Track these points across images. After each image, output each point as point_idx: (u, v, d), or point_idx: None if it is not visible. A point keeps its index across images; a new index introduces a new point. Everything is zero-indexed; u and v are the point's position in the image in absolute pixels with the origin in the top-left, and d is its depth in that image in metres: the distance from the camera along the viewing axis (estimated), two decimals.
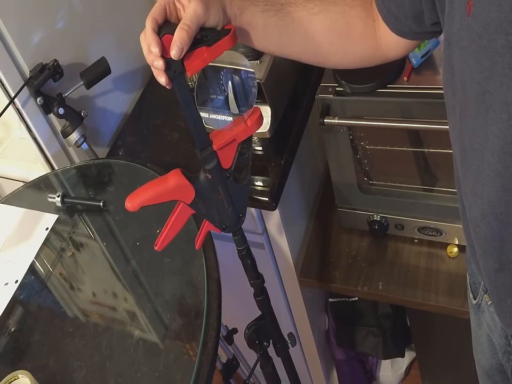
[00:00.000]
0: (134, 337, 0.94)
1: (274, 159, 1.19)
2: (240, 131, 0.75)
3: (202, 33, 0.67)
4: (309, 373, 1.75)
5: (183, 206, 0.79)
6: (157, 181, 0.77)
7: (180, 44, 0.64)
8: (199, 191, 0.77)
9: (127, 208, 0.75)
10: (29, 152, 1.32)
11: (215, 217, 0.82)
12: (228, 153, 0.76)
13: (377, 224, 1.28)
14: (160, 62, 0.65)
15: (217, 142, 0.75)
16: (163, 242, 0.80)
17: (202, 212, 0.81)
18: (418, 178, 1.21)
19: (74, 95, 1.24)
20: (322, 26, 0.77)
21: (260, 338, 1.01)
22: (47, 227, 1.15)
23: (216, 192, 0.79)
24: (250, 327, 1.00)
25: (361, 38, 0.78)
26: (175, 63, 0.66)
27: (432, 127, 1.02)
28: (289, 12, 0.75)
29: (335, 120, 1.08)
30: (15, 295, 1.05)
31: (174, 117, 1.40)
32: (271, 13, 0.74)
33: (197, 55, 0.67)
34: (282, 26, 0.75)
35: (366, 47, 0.79)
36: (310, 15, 0.76)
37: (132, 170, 1.21)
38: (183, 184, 0.76)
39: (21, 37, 1.14)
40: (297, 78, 1.28)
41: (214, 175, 0.77)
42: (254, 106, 0.76)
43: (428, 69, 1.04)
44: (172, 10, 0.68)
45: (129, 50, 1.43)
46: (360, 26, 0.77)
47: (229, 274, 1.16)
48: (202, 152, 0.75)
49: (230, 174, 0.78)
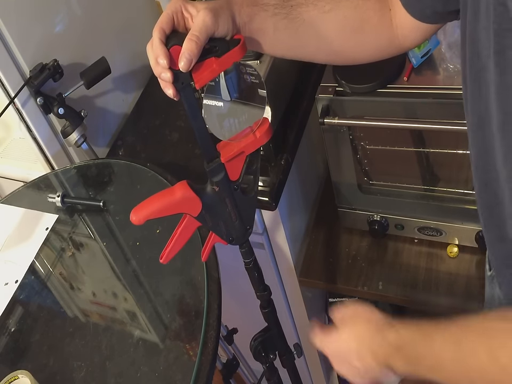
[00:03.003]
0: (134, 337, 0.94)
1: (274, 159, 1.19)
2: (248, 143, 0.73)
3: (211, 44, 0.65)
4: (309, 373, 1.75)
5: (189, 219, 0.77)
6: (163, 193, 0.75)
7: (188, 56, 0.62)
8: (206, 203, 0.75)
9: (132, 222, 0.73)
10: (29, 152, 1.32)
11: (222, 230, 0.81)
12: (235, 165, 0.74)
13: (377, 224, 1.28)
14: (168, 74, 0.63)
15: (225, 154, 0.72)
16: (168, 255, 0.79)
17: (209, 225, 0.79)
18: (418, 178, 1.21)
19: (74, 95, 1.24)
20: (335, 24, 0.75)
21: (266, 350, 1.00)
22: (47, 227, 1.14)
23: (223, 205, 0.77)
24: (256, 338, 0.98)
25: (376, 30, 0.76)
26: (183, 75, 0.64)
27: (432, 127, 1.02)
28: (299, 13, 0.74)
29: (335, 120, 1.08)
30: (15, 295, 1.05)
31: (174, 117, 1.40)
32: (281, 16, 0.73)
33: (206, 67, 0.65)
34: (293, 29, 0.74)
35: (381, 39, 0.77)
36: (321, 13, 0.74)
37: (132, 170, 1.21)
38: (189, 197, 0.74)
39: (21, 37, 1.14)
40: (297, 78, 1.28)
41: (221, 188, 0.75)
42: (263, 117, 0.73)
43: (428, 69, 1.04)
44: (179, 19, 0.66)
45: (129, 50, 1.43)
46: (374, 19, 0.76)
47: (229, 274, 1.16)
48: (210, 164, 0.73)
49: (237, 186, 0.76)
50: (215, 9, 0.66)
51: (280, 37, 0.74)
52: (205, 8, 0.65)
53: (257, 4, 0.72)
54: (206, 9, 0.65)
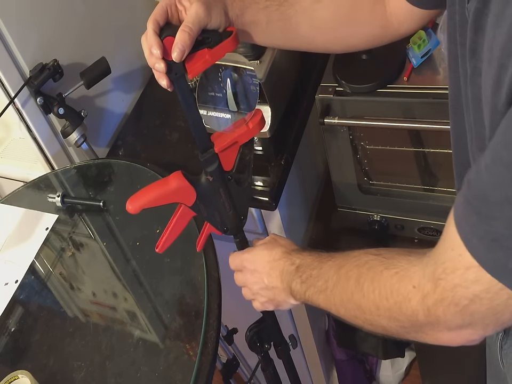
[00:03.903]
0: (134, 337, 0.94)
1: (274, 159, 1.19)
2: (241, 133, 0.74)
3: (204, 36, 0.66)
4: (309, 373, 1.74)
5: (184, 209, 0.78)
6: (158, 183, 0.77)
7: (181, 46, 0.64)
8: (200, 193, 0.77)
9: (128, 211, 0.74)
10: (29, 152, 1.32)
11: (217, 220, 0.82)
12: (229, 156, 0.76)
13: (377, 224, 1.28)
14: (161, 64, 0.65)
15: (219, 145, 0.74)
16: (164, 245, 0.80)
17: (203, 214, 0.80)
18: (418, 178, 1.21)
19: (74, 95, 1.24)
20: (328, 13, 0.75)
21: (261, 340, 1.00)
22: (47, 227, 1.14)
23: (218, 195, 0.79)
24: (252, 329, 0.99)
25: (370, 17, 0.76)
26: (176, 65, 0.65)
27: (432, 127, 1.02)
28: (291, 3, 0.74)
29: (335, 120, 1.08)
30: (15, 295, 1.05)
31: (174, 117, 1.40)
32: (273, 8, 0.73)
33: (198, 57, 0.66)
34: (285, 20, 0.74)
35: (376, 26, 0.77)
36: (313, 3, 0.74)
37: (132, 170, 1.21)
38: (184, 187, 0.75)
39: (21, 37, 1.14)
40: (297, 78, 1.28)
41: (215, 178, 0.76)
42: (256, 108, 0.75)
43: (428, 69, 1.04)
44: (173, 12, 0.67)
45: (129, 50, 1.43)
46: (367, 6, 0.76)
47: (229, 274, 1.16)
48: (204, 155, 0.74)
49: (231, 176, 0.78)
50: (208, 2, 0.67)
51: (273, 29, 0.75)
52: (198, 1, 0.67)
53: None
54: (199, 2, 0.66)
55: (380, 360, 1.76)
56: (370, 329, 0.66)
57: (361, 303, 0.64)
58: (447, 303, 0.53)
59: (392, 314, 0.60)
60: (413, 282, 0.57)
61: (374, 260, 0.65)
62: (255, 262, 0.82)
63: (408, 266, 0.59)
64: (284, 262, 0.78)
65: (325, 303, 0.71)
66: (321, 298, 0.71)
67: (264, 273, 0.81)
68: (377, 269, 0.63)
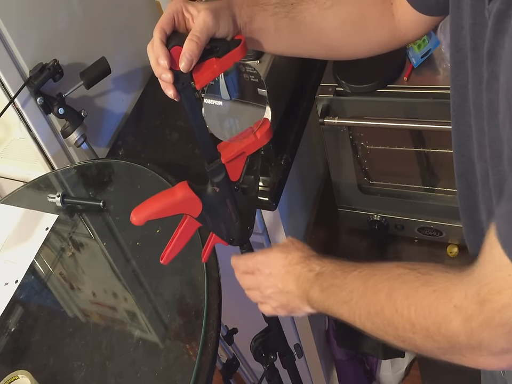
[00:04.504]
0: (134, 337, 0.93)
1: (274, 159, 1.19)
2: (249, 144, 0.73)
3: (212, 44, 0.65)
4: (309, 373, 1.74)
5: (189, 219, 0.76)
6: (163, 193, 0.75)
7: (189, 56, 0.62)
8: (206, 204, 0.75)
9: (132, 222, 0.73)
10: (29, 152, 1.32)
11: (223, 230, 0.80)
12: (236, 166, 0.74)
13: (377, 224, 1.28)
14: (168, 75, 0.63)
15: (226, 155, 0.72)
16: (169, 256, 0.79)
17: (209, 225, 0.79)
18: (418, 178, 1.21)
19: (74, 95, 1.24)
20: (336, 21, 0.75)
21: (266, 350, 0.99)
22: (47, 227, 1.14)
23: (224, 205, 0.77)
24: (257, 339, 0.98)
25: (378, 25, 0.76)
26: (183, 75, 0.64)
27: (432, 127, 1.02)
28: (300, 10, 0.73)
29: (335, 120, 1.08)
30: (15, 295, 1.05)
31: (174, 117, 1.40)
32: (281, 15, 0.72)
33: (206, 67, 0.65)
34: (294, 27, 0.74)
35: (383, 33, 0.77)
36: (322, 10, 0.74)
37: (132, 170, 1.21)
38: (190, 198, 0.74)
39: (21, 37, 1.14)
40: (297, 78, 1.28)
41: (221, 188, 0.75)
42: (264, 118, 0.73)
43: (428, 69, 1.04)
44: (180, 20, 0.66)
45: (129, 50, 1.43)
46: (376, 14, 0.75)
47: (229, 274, 1.16)
48: (210, 165, 0.72)
49: (238, 187, 0.76)
50: (216, 10, 0.66)
51: (281, 36, 0.74)
52: (205, 8, 0.65)
53: (257, 3, 0.72)
54: (207, 9, 0.65)
55: (379, 360, 1.76)
56: (401, 345, 0.63)
57: (394, 319, 0.61)
58: (494, 325, 0.50)
59: (429, 334, 0.57)
60: (453, 302, 0.53)
61: (408, 274, 0.61)
62: (271, 266, 0.79)
63: (447, 285, 0.55)
64: (301, 268, 0.75)
65: (348, 314, 0.68)
66: (345, 309, 0.68)
67: (278, 277, 0.77)
68: (412, 284, 0.59)
